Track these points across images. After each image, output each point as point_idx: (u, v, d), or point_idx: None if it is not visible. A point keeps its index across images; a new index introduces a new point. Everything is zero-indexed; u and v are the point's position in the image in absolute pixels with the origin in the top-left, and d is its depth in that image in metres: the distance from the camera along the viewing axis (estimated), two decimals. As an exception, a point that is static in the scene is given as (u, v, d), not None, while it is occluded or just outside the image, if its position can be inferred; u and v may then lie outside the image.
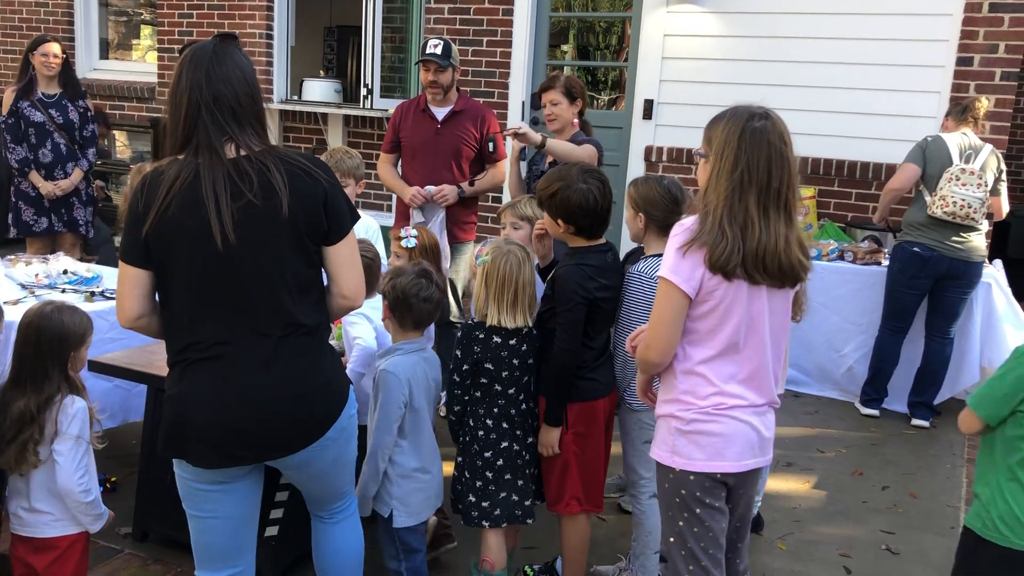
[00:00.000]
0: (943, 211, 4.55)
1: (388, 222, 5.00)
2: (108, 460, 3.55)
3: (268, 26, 7.28)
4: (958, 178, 4.52)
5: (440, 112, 4.48)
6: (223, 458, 2.13)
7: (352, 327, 3.00)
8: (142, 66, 8.26)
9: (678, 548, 2.21)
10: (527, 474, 2.83)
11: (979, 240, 4.66)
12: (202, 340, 2.09)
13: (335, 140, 7.27)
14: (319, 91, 7.41)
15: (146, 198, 2.05)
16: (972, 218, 4.54)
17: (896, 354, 4.88)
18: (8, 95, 5.36)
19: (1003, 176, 4.65)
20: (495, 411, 2.77)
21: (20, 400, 2.43)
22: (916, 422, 4.85)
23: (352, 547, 2.53)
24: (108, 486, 3.52)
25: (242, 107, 2.09)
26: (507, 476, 2.79)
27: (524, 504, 2.81)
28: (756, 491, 2.64)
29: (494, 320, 2.73)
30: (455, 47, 4.48)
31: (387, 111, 6.68)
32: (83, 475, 2.47)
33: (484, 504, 2.78)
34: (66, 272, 3.98)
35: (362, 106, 7.06)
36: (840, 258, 5.15)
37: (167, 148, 2.13)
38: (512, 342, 2.74)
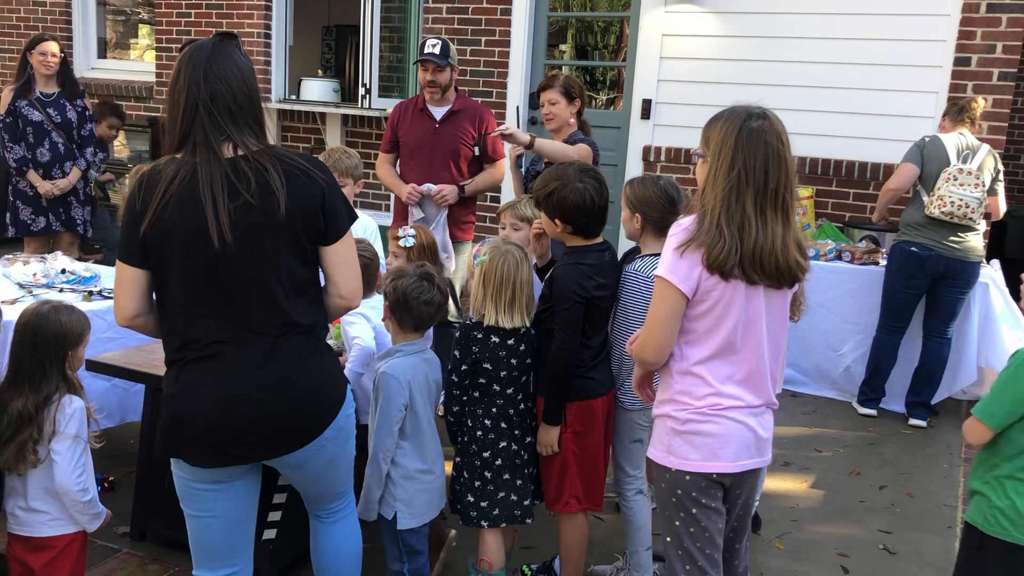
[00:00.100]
0: (941, 211, 4.56)
1: (386, 222, 4.99)
2: (106, 459, 3.56)
3: (266, 25, 7.28)
4: (956, 178, 4.53)
5: (438, 112, 4.48)
6: (220, 457, 2.13)
7: (351, 327, 3.00)
8: (140, 65, 8.26)
9: (674, 548, 2.22)
10: (525, 474, 2.83)
11: (976, 240, 4.67)
12: (199, 339, 2.09)
13: (333, 140, 7.27)
14: (317, 91, 7.41)
15: (143, 197, 2.05)
16: (970, 218, 4.54)
17: (894, 354, 4.88)
18: (6, 94, 5.36)
19: (1000, 176, 4.66)
20: (493, 411, 2.78)
21: (18, 400, 2.43)
22: (913, 422, 4.86)
23: (350, 547, 2.53)
24: (106, 485, 3.52)
25: (239, 107, 2.08)
26: (505, 476, 2.79)
27: (523, 504, 2.82)
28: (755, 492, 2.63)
29: (492, 320, 2.73)
30: (453, 47, 4.48)
31: (385, 111, 6.68)
32: (81, 474, 2.47)
33: (483, 504, 2.78)
34: (64, 271, 3.97)
35: (360, 106, 7.06)
36: (838, 258, 5.16)
37: (165, 146, 2.14)
38: (510, 342, 2.74)
